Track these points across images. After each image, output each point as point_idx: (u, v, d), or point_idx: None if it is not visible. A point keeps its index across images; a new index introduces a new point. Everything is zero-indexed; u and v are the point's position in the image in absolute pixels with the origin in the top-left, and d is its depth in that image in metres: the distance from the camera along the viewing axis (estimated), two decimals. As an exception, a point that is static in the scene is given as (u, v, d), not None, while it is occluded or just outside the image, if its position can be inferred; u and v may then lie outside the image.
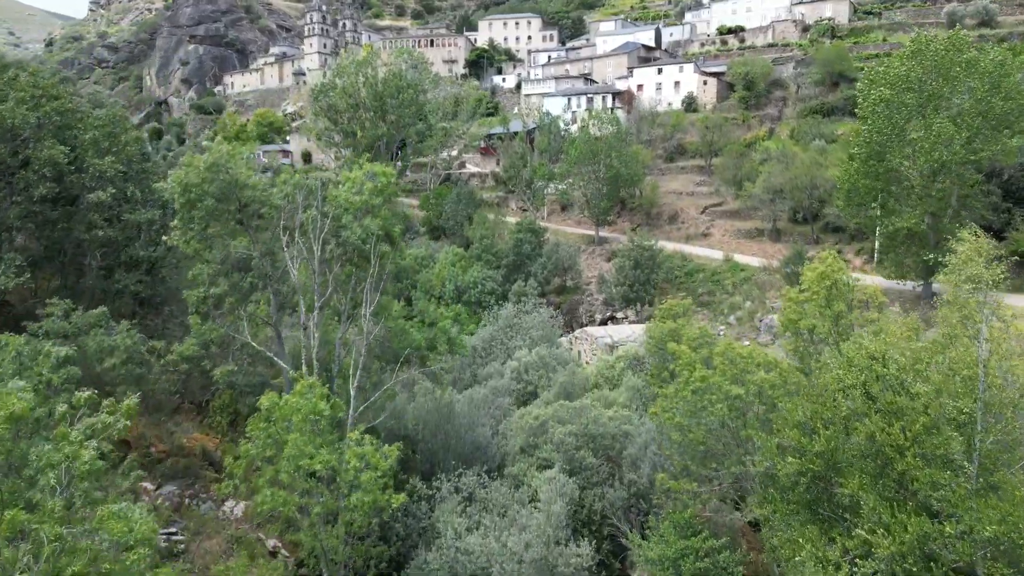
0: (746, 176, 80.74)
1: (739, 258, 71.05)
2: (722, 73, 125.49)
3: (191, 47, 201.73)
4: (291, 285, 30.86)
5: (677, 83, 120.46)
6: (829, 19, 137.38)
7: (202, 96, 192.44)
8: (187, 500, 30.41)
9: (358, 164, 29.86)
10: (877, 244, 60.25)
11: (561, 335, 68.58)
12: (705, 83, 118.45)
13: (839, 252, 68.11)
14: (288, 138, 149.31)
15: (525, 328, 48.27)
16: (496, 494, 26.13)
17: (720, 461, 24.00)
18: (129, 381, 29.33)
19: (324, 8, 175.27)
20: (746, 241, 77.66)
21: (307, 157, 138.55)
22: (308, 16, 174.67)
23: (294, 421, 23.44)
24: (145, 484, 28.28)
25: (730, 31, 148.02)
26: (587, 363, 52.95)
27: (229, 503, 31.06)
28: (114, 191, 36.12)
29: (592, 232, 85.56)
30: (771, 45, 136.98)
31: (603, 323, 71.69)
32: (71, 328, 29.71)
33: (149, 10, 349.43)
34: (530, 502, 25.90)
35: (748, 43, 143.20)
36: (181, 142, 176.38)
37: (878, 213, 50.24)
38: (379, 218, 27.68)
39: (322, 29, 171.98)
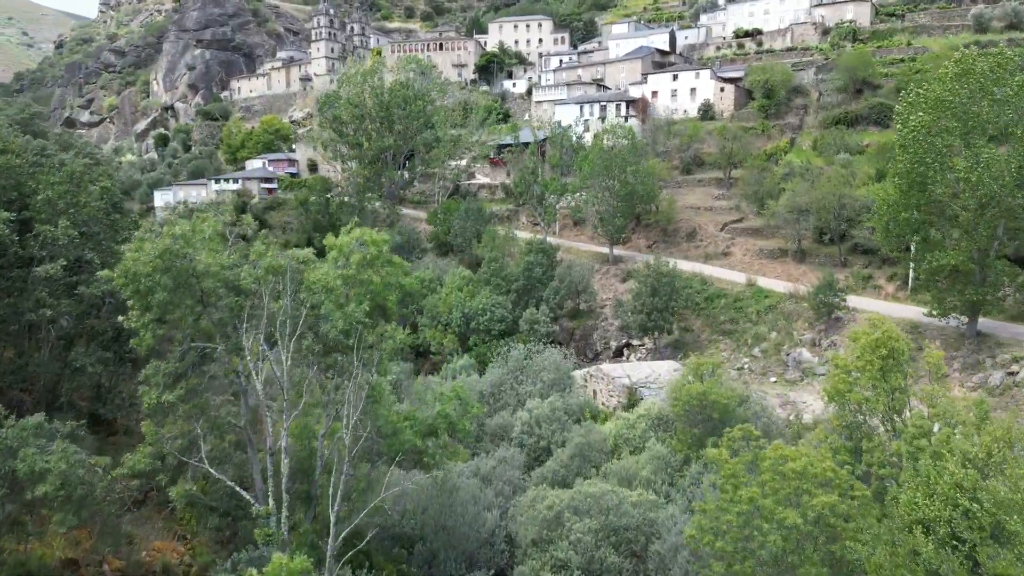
0: (768, 193, 76.94)
1: (763, 282, 67.29)
2: (739, 79, 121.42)
3: (197, 51, 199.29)
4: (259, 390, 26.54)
5: (693, 90, 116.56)
6: (850, 22, 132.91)
7: (209, 102, 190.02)
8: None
9: (346, 229, 26.51)
10: (912, 269, 56.42)
11: (575, 366, 65.19)
12: (722, 90, 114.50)
13: (869, 277, 64.74)
14: (294, 146, 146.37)
15: (536, 371, 44.87)
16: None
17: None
18: (68, 508, 24.36)
19: (332, 12, 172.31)
20: (769, 262, 73.86)
21: (313, 167, 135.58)
22: (315, 20, 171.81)
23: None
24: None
25: (747, 34, 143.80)
26: (603, 405, 49.57)
27: None
28: (66, 263, 31.71)
29: (606, 250, 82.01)
30: (790, 49, 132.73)
31: (619, 351, 68.24)
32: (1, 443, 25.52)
33: (159, 11, 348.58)
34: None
35: (766, 47, 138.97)
36: (187, 149, 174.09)
37: (919, 248, 46.41)
38: (371, 289, 24.32)
39: (329, 33, 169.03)
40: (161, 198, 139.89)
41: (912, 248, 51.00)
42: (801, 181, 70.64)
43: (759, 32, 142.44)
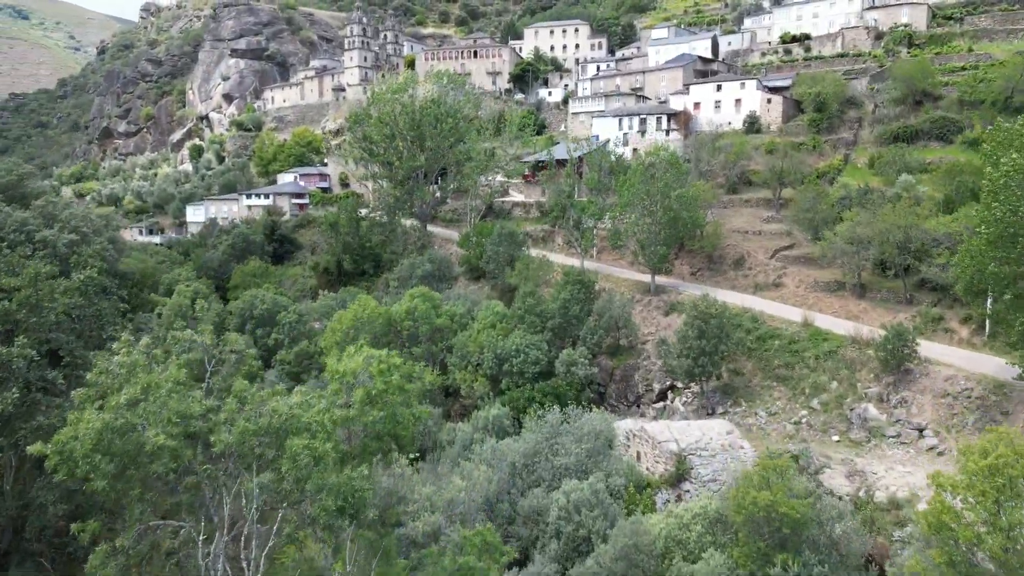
0: (823, 219, 71.49)
1: (820, 321, 61.97)
2: (787, 88, 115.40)
3: (232, 61, 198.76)
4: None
5: (738, 101, 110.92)
6: (905, 25, 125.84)
7: (242, 112, 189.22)
8: None
9: (352, 350, 22.64)
10: (990, 306, 50.59)
11: (615, 418, 60.69)
12: (769, 101, 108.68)
13: (940, 318, 59.06)
14: (326, 160, 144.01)
15: (574, 438, 40.67)
16: None
17: None
18: None
19: (365, 20, 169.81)
20: (825, 295, 68.43)
21: (345, 181, 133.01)
22: (348, 28, 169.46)
23: None
24: None
25: (794, 39, 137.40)
26: (648, 470, 45.14)
27: None
28: (21, 392, 25.79)
29: (647, 277, 77.22)
30: (841, 55, 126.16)
31: (662, 394, 63.62)
32: None
33: (198, 17, 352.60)
34: None
35: (814, 52, 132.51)
36: (221, 160, 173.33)
37: (1010, 305, 41.07)
38: (378, 431, 20.32)
39: (362, 42, 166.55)
40: (193, 213, 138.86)
41: (992, 299, 45.55)
42: (862, 211, 64.99)
43: (807, 37, 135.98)
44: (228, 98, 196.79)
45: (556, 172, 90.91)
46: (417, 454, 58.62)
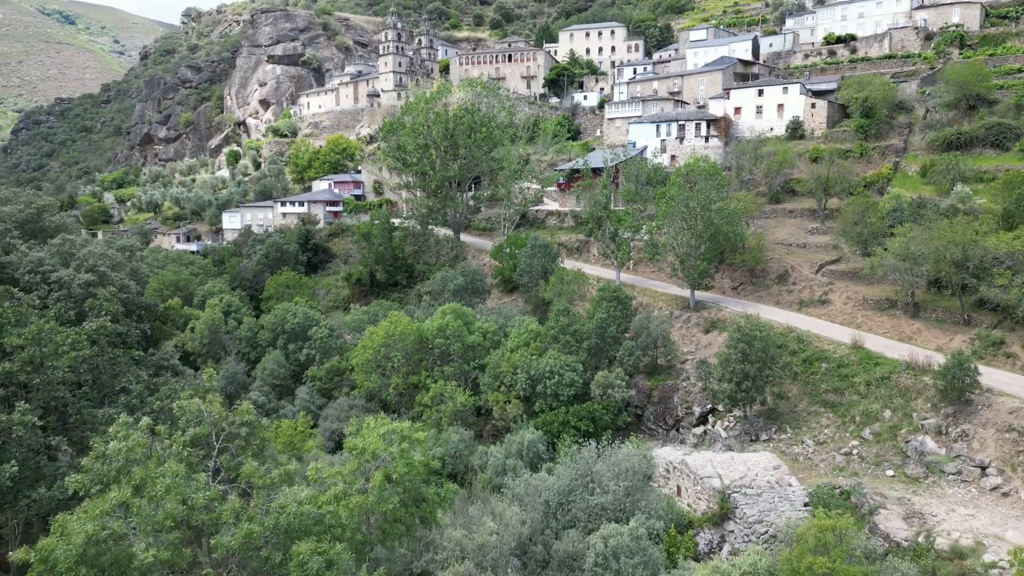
0: (873, 234, 68.21)
1: (870, 343, 58.88)
2: (832, 92, 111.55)
3: (269, 67, 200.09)
4: None
5: (780, 106, 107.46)
6: (957, 26, 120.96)
7: (279, 117, 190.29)
8: None
9: (372, 423, 20.81)
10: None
11: (650, 428, 58.58)
12: (813, 106, 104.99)
13: (1001, 342, 55.62)
14: (360, 168, 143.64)
15: (610, 475, 38.65)
16: None
17: None
18: None
19: (400, 25, 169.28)
20: (875, 314, 65.22)
21: (379, 189, 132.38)
22: (383, 34, 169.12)
23: None
24: None
25: (839, 40, 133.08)
26: (689, 507, 42.92)
27: None
28: (19, 463, 23.57)
29: (686, 292, 74.67)
30: (888, 57, 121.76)
31: (703, 417, 61.11)
32: None
33: (237, 21, 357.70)
34: None
35: (860, 54, 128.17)
36: (257, 166, 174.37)
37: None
38: (398, 517, 18.53)
39: (397, 47, 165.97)
40: (229, 220, 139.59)
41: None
42: (914, 225, 61.68)
43: (853, 38, 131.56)
44: (265, 104, 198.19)
45: (592, 181, 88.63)
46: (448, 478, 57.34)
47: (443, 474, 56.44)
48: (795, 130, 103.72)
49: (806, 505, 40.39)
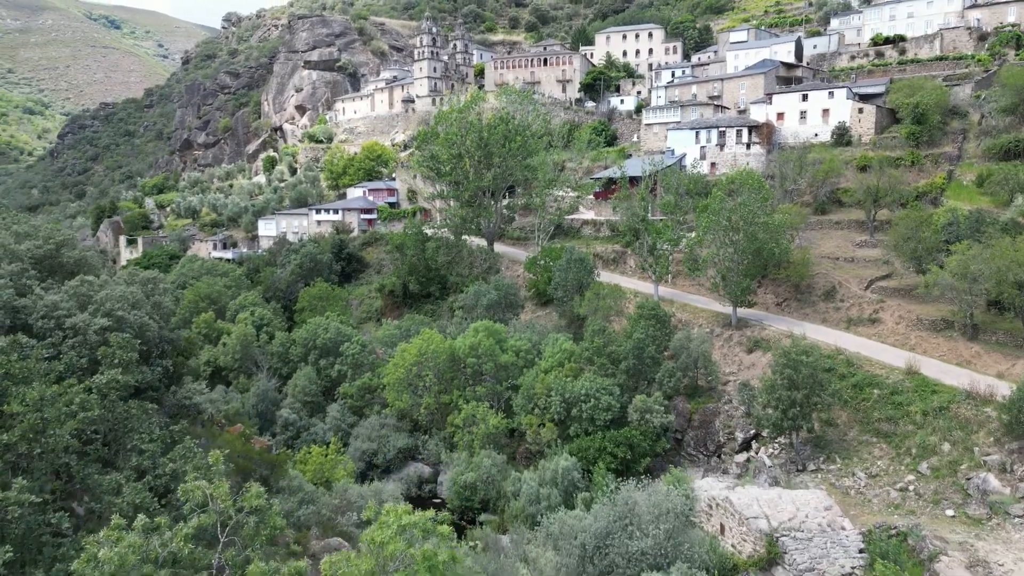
0: (927, 250, 64.80)
1: (926, 367, 55.68)
2: (879, 96, 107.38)
3: (305, 73, 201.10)
4: None
5: (826, 111, 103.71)
6: (1013, 25, 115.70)
7: (314, 123, 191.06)
8: None
9: (389, 512, 18.93)
10: None
11: (690, 454, 56.28)
12: (861, 111, 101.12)
13: (1070, 370, 52.09)
14: (394, 175, 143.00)
15: (651, 515, 36.55)
16: None
17: None
18: None
19: (435, 30, 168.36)
20: (929, 335, 61.87)
21: (412, 196, 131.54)
22: (418, 39, 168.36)
23: None
24: None
25: (887, 41, 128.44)
26: (733, 548, 40.58)
27: None
28: (15, 548, 20.62)
29: (727, 308, 71.92)
30: (939, 58, 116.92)
31: (746, 443, 58.54)
32: None
33: (276, 25, 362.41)
34: None
35: (910, 56, 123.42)
36: (293, 172, 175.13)
37: None
38: None
39: (432, 52, 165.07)
40: (265, 227, 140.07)
41: None
42: (973, 246, 58.24)
43: (901, 39, 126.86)
44: (301, 109, 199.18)
45: (629, 191, 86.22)
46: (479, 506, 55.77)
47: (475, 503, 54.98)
48: (841, 136, 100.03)
49: (861, 552, 37.81)
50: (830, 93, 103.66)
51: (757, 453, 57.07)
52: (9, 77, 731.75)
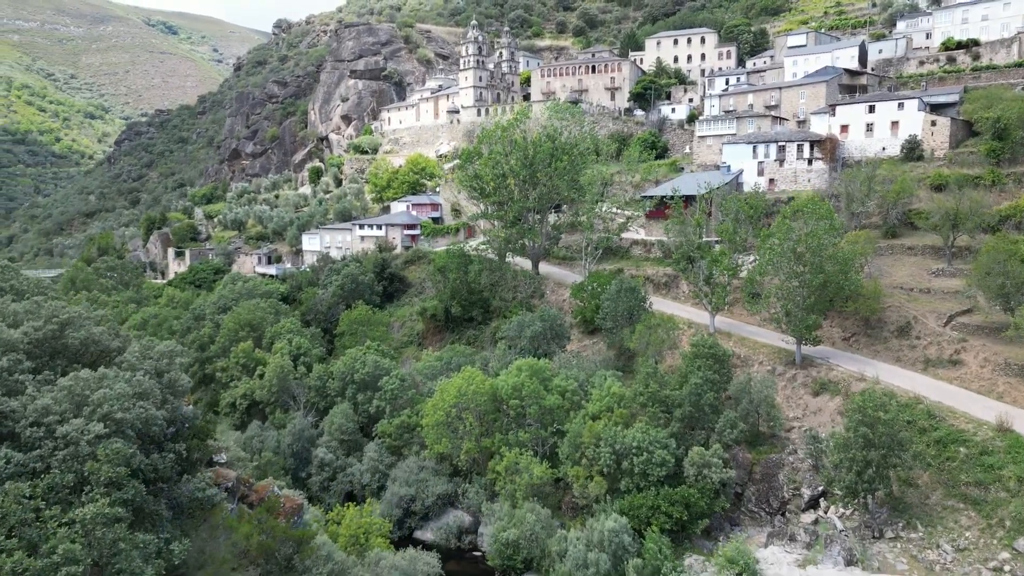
0: (1017, 286, 58.76)
1: (1020, 423, 50.03)
2: (952, 105, 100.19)
3: (351, 82, 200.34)
4: None
5: (895, 123, 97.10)
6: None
7: (360, 133, 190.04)
8: None
9: None
10: None
11: (751, 511, 51.71)
12: (934, 124, 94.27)
13: None
14: (437, 188, 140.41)
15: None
16: None
17: None
18: None
19: (480, 39, 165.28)
20: (1020, 382, 55.96)
21: (457, 210, 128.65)
22: (464, 48, 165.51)
23: None
24: None
25: (959, 46, 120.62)
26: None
27: None
28: None
29: (790, 343, 66.64)
30: (1018, 64, 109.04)
31: (813, 501, 53.59)
32: None
33: (324, 31, 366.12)
34: None
35: (984, 62, 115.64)
36: (338, 183, 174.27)
37: None
38: None
39: (477, 62, 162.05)
40: (308, 242, 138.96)
41: None
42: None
43: (975, 43, 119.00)
44: (347, 119, 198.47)
45: (683, 212, 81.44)
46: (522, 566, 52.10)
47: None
48: (912, 151, 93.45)
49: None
50: (900, 104, 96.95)
51: (827, 513, 52.18)
52: (72, 83, 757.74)
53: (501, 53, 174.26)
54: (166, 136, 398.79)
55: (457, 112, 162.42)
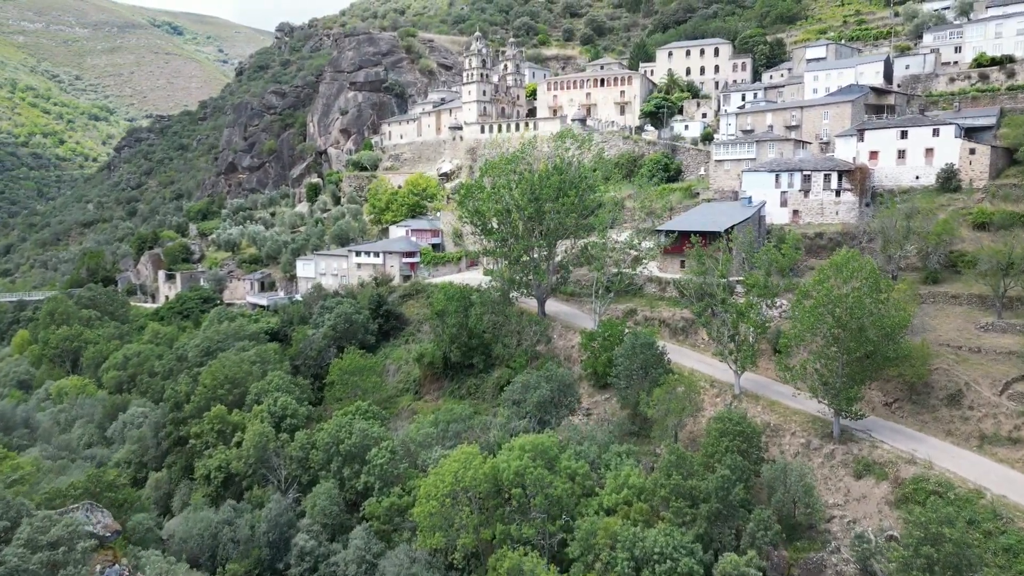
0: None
1: (1104, 533, 43.00)
2: (989, 129, 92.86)
3: (351, 94, 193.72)
4: None
5: (929, 150, 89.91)
6: None
7: (359, 147, 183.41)
8: None
9: None
10: None
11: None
12: (972, 152, 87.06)
13: None
14: (439, 212, 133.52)
15: None
16: None
17: None
18: None
19: (484, 51, 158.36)
20: (1097, 473, 48.86)
21: (458, 235, 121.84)
22: (467, 60, 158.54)
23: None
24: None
25: (993, 62, 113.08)
26: None
27: None
28: None
29: (823, 411, 59.42)
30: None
31: (861, 615, 46.52)
32: None
33: (327, 35, 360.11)
34: None
35: (1021, 79, 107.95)
36: (336, 201, 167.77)
37: None
38: None
39: (480, 75, 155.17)
40: (303, 268, 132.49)
41: None
42: None
43: (1010, 60, 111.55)
44: (346, 133, 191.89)
45: (701, 249, 74.44)
46: None
47: None
48: (948, 180, 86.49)
49: None
50: (935, 130, 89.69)
51: (878, 632, 45.19)
52: (76, 84, 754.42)
53: (506, 65, 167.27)
54: (166, 143, 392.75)
55: (460, 128, 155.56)
